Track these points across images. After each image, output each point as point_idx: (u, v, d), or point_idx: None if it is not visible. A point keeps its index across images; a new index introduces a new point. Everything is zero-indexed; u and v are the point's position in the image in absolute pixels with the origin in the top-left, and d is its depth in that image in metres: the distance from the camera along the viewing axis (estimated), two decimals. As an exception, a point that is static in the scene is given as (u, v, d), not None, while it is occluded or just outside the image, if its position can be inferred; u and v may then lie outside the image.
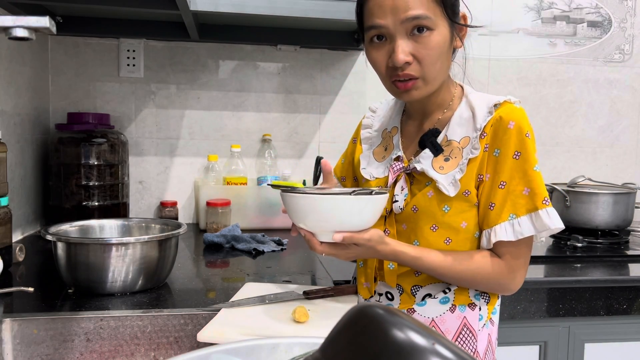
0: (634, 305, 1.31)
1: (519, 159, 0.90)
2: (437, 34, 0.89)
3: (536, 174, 0.91)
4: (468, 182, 0.92)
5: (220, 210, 1.75)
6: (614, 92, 2.16)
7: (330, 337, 0.39)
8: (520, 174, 0.90)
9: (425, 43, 0.88)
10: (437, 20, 0.88)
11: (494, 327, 1.00)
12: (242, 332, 0.89)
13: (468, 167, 0.92)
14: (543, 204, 0.89)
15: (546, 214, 0.89)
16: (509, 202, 0.91)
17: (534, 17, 2.09)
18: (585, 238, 1.65)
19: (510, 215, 0.91)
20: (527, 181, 0.90)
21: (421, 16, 0.87)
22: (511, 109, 0.92)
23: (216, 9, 1.47)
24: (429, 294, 0.97)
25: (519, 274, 0.94)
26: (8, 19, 0.78)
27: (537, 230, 0.90)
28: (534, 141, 0.92)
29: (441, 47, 0.89)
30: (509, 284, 0.94)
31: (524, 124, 0.91)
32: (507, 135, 0.91)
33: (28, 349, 0.95)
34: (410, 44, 0.88)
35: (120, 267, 1.08)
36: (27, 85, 1.64)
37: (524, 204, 0.90)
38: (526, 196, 0.90)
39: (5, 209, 1.24)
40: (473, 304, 0.96)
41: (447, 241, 0.94)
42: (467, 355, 0.35)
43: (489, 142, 0.92)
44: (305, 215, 0.85)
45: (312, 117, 1.99)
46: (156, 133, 1.92)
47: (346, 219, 0.84)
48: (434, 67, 0.90)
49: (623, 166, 2.19)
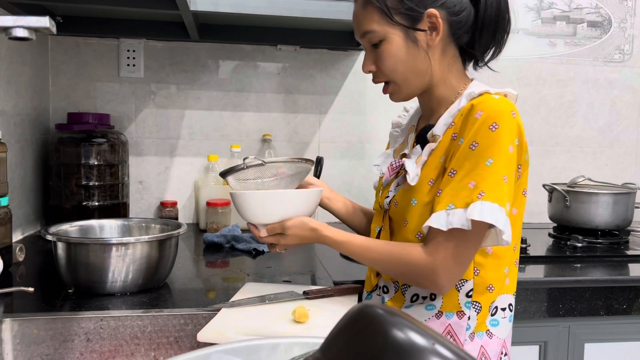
0: (634, 305, 1.31)
1: (474, 149, 0.87)
2: (388, 43, 0.96)
3: (488, 169, 0.85)
4: (430, 171, 0.93)
5: (220, 210, 1.75)
6: (614, 92, 2.16)
7: (330, 337, 0.39)
8: (471, 165, 0.87)
9: (379, 54, 0.97)
10: (385, 31, 0.95)
11: (494, 341, 0.95)
12: (242, 332, 0.89)
13: (430, 157, 0.94)
14: (477, 197, 0.84)
15: (478, 207, 0.84)
16: (452, 192, 0.87)
17: (534, 17, 2.09)
18: (585, 238, 1.65)
19: (449, 205, 0.86)
20: (476, 174, 0.86)
21: (367, 31, 0.97)
22: (486, 99, 0.90)
23: (216, 9, 1.47)
24: (416, 294, 0.97)
25: (442, 269, 0.88)
26: (8, 19, 0.78)
27: (467, 225, 0.84)
28: (504, 135, 0.86)
29: (395, 53, 0.96)
30: (431, 276, 0.89)
31: (495, 116, 0.87)
32: (471, 124, 0.88)
33: (28, 349, 0.95)
34: (373, 55, 0.99)
35: (120, 267, 1.08)
36: (27, 85, 1.64)
37: (464, 196, 0.86)
38: (470, 189, 0.85)
39: (6, 209, 1.24)
40: (462, 312, 0.94)
41: (419, 236, 0.94)
42: (467, 355, 0.35)
43: (457, 132, 0.91)
44: (242, 210, 1.03)
45: (312, 117, 1.99)
46: (156, 133, 1.92)
47: (268, 211, 1.01)
48: (396, 72, 0.97)
49: (623, 166, 2.19)
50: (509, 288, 0.98)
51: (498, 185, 0.85)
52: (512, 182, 0.88)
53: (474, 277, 0.94)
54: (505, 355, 0.97)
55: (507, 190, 0.87)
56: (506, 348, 0.98)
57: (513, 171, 0.88)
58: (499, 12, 0.98)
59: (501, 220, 0.84)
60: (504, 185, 0.86)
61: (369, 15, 0.96)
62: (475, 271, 0.94)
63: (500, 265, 0.96)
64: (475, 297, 0.94)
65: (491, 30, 0.98)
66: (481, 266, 0.94)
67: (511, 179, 0.88)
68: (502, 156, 0.86)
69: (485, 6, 0.96)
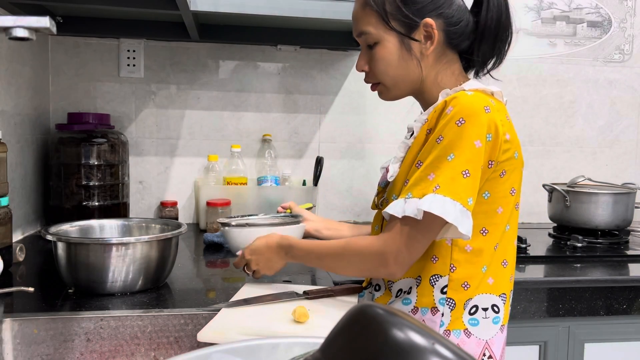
0: (634, 305, 1.31)
1: (439, 143, 0.89)
2: (382, 46, 0.98)
3: (448, 164, 0.87)
4: (406, 167, 0.96)
5: (220, 210, 1.75)
6: (614, 92, 2.16)
7: (330, 337, 0.39)
8: (433, 157, 0.89)
9: (373, 55, 1.00)
10: (380, 35, 0.97)
11: (472, 340, 0.95)
12: (242, 332, 0.89)
13: (407, 153, 0.97)
14: (433, 190, 0.86)
15: (430, 199, 0.85)
16: (414, 181, 0.90)
17: (534, 17, 2.09)
18: (585, 238, 1.65)
19: (408, 194, 0.89)
20: (435, 167, 0.88)
21: (362, 32, 0.99)
22: (459, 95, 0.91)
23: (216, 9, 1.47)
24: (400, 289, 0.99)
25: (393, 253, 0.90)
26: (8, 19, 0.78)
27: (419, 215, 0.86)
28: (470, 131, 0.87)
29: (387, 57, 0.98)
30: (382, 260, 0.91)
31: (464, 111, 0.88)
32: (441, 119, 0.90)
33: (28, 349, 0.95)
34: (367, 55, 1.01)
35: (121, 267, 1.08)
36: (27, 85, 1.64)
37: (422, 187, 0.88)
38: (429, 181, 0.88)
39: (6, 209, 1.24)
40: (435, 308, 0.94)
41: None
42: (467, 355, 0.35)
43: (431, 127, 0.93)
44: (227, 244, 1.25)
45: (312, 117, 1.99)
46: (156, 133, 1.92)
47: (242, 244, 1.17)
48: (386, 74, 1.00)
49: (623, 166, 2.19)
50: (493, 288, 0.97)
51: (455, 180, 0.86)
52: (476, 177, 0.88)
53: (449, 273, 0.94)
54: (489, 358, 0.96)
55: (468, 185, 0.87)
56: (491, 350, 0.96)
57: (479, 166, 0.89)
58: (499, 24, 0.99)
59: (451, 214, 0.85)
60: (463, 180, 0.87)
61: (366, 17, 0.98)
62: (451, 267, 0.94)
63: (478, 264, 0.95)
64: (449, 294, 0.94)
65: (490, 41, 0.99)
66: (458, 263, 0.94)
67: (475, 173, 0.88)
68: (465, 151, 0.87)
69: (485, 18, 0.97)
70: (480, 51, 1.00)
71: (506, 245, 0.98)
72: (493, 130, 0.89)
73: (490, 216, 0.94)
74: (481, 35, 0.98)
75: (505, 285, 0.99)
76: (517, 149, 0.96)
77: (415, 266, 0.96)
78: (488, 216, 0.94)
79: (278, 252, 1.07)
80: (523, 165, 0.99)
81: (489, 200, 0.94)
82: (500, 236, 0.97)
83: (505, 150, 0.92)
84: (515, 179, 0.96)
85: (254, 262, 1.10)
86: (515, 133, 0.96)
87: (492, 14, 0.97)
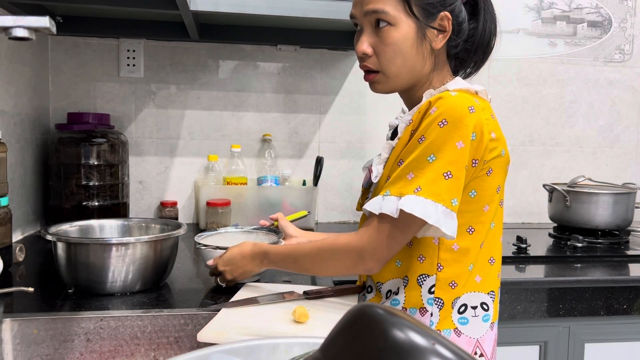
0: (634, 305, 1.31)
1: (421, 143, 0.89)
2: (397, 30, 0.93)
3: (429, 165, 0.87)
4: (389, 169, 0.95)
5: (220, 210, 1.75)
6: (614, 92, 2.16)
7: (330, 337, 0.39)
8: (414, 157, 0.88)
9: (384, 38, 0.94)
10: (398, 17, 0.93)
11: (462, 339, 0.94)
12: (242, 332, 0.89)
13: (391, 154, 0.96)
14: (414, 191, 0.86)
15: (412, 200, 0.85)
16: (392, 180, 0.90)
17: (534, 17, 2.09)
18: (585, 238, 1.65)
19: (386, 192, 0.89)
20: (415, 167, 0.88)
21: (379, 10, 0.93)
22: (445, 96, 0.90)
23: (216, 9, 1.47)
24: (389, 290, 0.99)
25: (369, 248, 0.90)
26: (8, 19, 0.77)
27: (395, 213, 0.86)
28: (452, 132, 0.87)
29: (400, 44, 0.94)
30: (358, 256, 0.91)
31: (447, 112, 0.87)
32: (424, 119, 0.90)
33: (28, 349, 0.95)
34: (373, 37, 0.95)
35: (120, 267, 1.08)
36: (27, 85, 1.64)
37: (400, 185, 0.88)
38: (407, 180, 0.87)
39: (5, 209, 1.24)
40: (424, 309, 0.94)
41: None
42: (467, 355, 0.35)
43: (414, 128, 0.93)
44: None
45: (312, 117, 1.99)
46: (156, 133, 1.92)
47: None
48: (392, 62, 0.95)
49: (623, 166, 2.19)
50: (481, 286, 0.96)
51: (436, 182, 0.86)
52: (459, 178, 0.88)
53: (437, 272, 0.94)
54: (481, 356, 0.96)
55: (451, 187, 0.87)
56: (482, 348, 0.96)
57: (463, 167, 0.88)
58: (490, 35, 1.01)
59: (433, 215, 0.85)
60: (445, 182, 0.86)
61: None
62: (438, 267, 0.94)
63: (465, 262, 0.94)
64: (437, 294, 0.94)
65: (480, 51, 1.01)
66: (445, 262, 0.94)
67: (459, 174, 0.88)
68: (447, 153, 0.87)
69: (482, 26, 0.99)
70: (468, 57, 1.01)
71: (492, 243, 0.98)
72: (478, 130, 0.89)
73: (477, 215, 0.94)
74: (471, 44, 1.00)
75: (493, 283, 0.99)
76: (504, 147, 0.96)
77: (403, 266, 0.96)
78: (475, 215, 0.94)
79: (253, 260, 1.06)
80: (509, 162, 0.99)
81: (476, 198, 0.93)
82: (486, 234, 0.96)
83: (492, 149, 0.92)
84: (502, 176, 0.97)
85: (228, 272, 1.09)
86: (500, 131, 0.95)
87: (488, 24, 1.00)
